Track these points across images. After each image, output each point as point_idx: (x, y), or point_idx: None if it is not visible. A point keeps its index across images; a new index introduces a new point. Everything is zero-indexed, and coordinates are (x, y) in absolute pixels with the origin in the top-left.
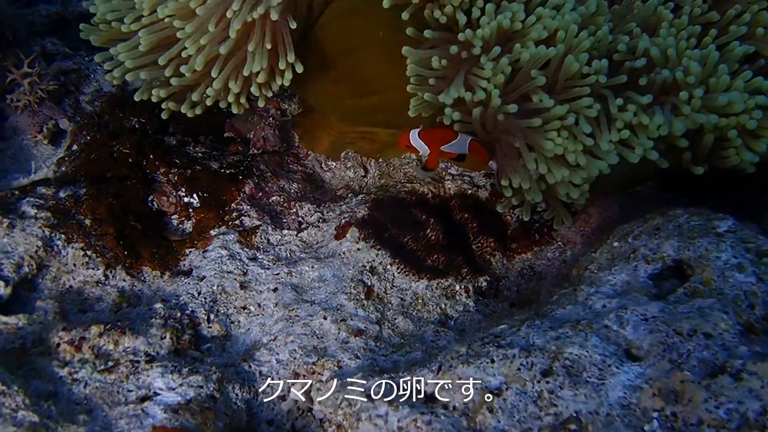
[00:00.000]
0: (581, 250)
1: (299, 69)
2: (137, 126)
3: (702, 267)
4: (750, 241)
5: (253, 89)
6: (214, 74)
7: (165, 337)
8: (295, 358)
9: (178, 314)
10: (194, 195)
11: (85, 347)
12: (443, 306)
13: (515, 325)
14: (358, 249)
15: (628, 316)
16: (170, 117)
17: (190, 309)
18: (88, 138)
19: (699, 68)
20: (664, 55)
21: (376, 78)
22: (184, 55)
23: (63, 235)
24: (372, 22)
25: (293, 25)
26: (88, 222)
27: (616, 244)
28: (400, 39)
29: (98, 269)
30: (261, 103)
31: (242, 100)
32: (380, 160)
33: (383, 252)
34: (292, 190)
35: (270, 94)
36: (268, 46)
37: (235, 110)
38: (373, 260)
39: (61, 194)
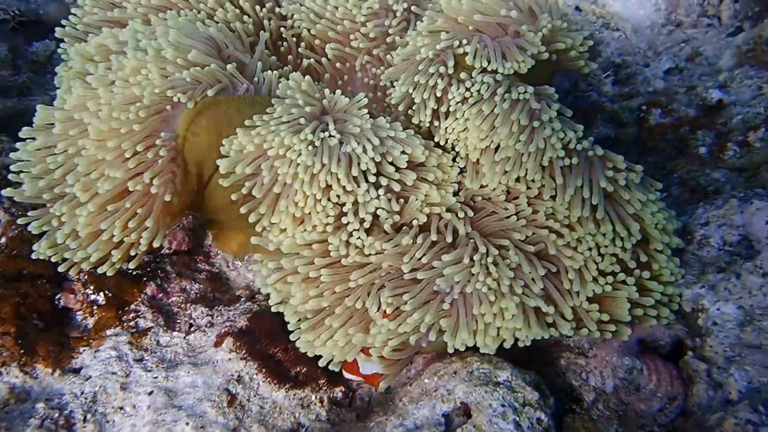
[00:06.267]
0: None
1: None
2: None
3: (478, 411)
4: (518, 391)
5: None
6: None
7: None
8: None
9: (56, 414)
10: (101, 293)
11: None
12: (297, 415)
13: None
14: (230, 359)
15: None
16: None
17: (69, 408)
18: (16, 232)
19: None
20: None
21: None
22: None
23: None
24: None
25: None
26: None
27: (426, 380)
28: None
29: None
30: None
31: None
32: None
33: (251, 362)
34: (193, 291)
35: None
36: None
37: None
38: (241, 370)
39: None
